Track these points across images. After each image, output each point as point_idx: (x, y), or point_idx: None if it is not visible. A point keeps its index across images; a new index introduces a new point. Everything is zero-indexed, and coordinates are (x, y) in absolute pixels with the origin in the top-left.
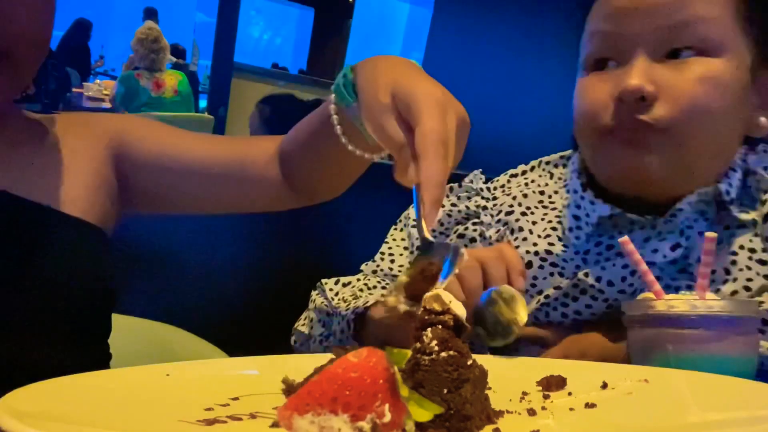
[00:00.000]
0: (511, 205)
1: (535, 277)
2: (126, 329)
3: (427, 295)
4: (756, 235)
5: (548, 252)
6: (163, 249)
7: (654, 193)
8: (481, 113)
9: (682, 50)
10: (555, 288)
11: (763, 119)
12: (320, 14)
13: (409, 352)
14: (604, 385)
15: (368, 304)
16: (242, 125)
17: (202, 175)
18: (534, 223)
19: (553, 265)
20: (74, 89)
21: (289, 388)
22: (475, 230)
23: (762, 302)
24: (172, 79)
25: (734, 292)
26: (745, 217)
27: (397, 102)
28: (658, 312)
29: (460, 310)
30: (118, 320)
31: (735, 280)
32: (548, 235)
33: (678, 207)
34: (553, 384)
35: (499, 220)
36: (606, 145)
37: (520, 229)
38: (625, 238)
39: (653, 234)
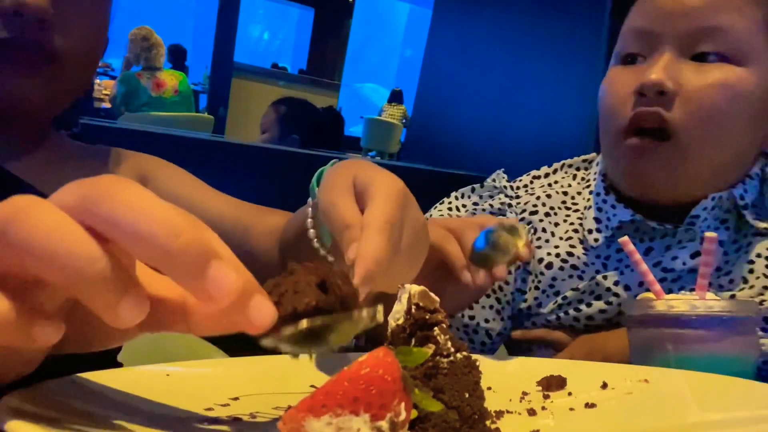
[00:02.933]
0: (535, 205)
1: (554, 278)
2: None
3: (414, 290)
4: None
5: (569, 254)
6: None
7: (662, 198)
8: (480, 113)
9: (708, 54)
10: (573, 290)
11: None
12: (320, 14)
13: (427, 351)
14: (604, 385)
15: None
16: (242, 125)
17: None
18: (556, 224)
19: (573, 267)
20: None
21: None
22: None
23: (763, 301)
24: (172, 79)
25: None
26: (760, 225)
27: (356, 185)
28: (658, 312)
29: None
30: None
31: (752, 287)
32: (570, 237)
33: (694, 213)
34: (553, 384)
35: (522, 219)
36: (617, 148)
37: (543, 230)
38: (625, 238)
39: (673, 242)
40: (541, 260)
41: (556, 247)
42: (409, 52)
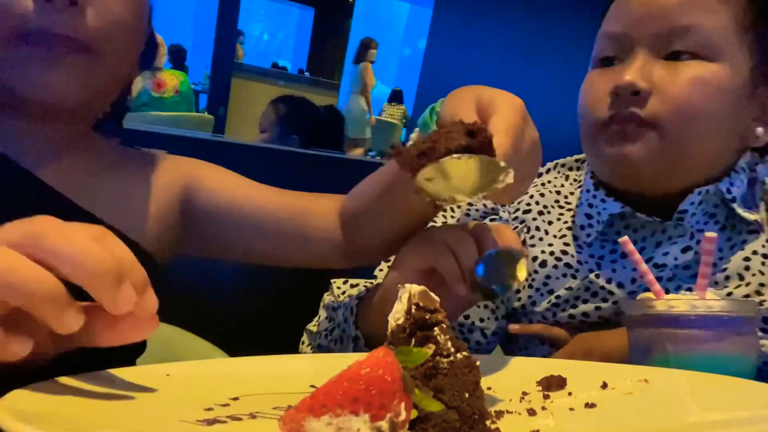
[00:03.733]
0: (528, 204)
1: (548, 277)
2: None
3: (414, 290)
4: None
5: (563, 252)
6: None
7: (647, 186)
8: None
9: (681, 53)
10: (566, 289)
11: (760, 129)
12: (320, 14)
13: (427, 351)
14: (604, 385)
15: (368, 287)
16: (242, 125)
17: (267, 227)
18: (550, 223)
19: (567, 266)
20: None
21: (398, 151)
22: None
23: (763, 301)
24: (173, 80)
25: (746, 296)
26: (749, 216)
27: (478, 102)
28: (658, 312)
29: None
30: None
31: (748, 284)
32: (563, 236)
33: (682, 208)
34: (553, 384)
35: (516, 218)
36: (598, 138)
37: (537, 229)
38: (625, 238)
39: (664, 238)
40: (535, 258)
41: (550, 245)
42: (409, 51)
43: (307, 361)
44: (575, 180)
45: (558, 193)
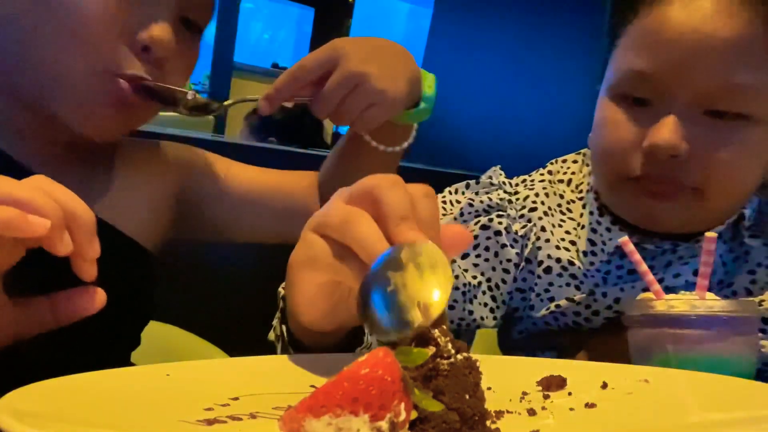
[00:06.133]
0: (534, 201)
1: (551, 284)
2: None
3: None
4: None
5: (570, 263)
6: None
7: (668, 231)
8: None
9: (726, 113)
10: (568, 299)
11: None
12: (320, 14)
13: (428, 352)
14: (604, 385)
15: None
16: (242, 125)
17: (259, 206)
18: (554, 226)
19: (572, 276)
20: None
21: None
22: (500, 222)
23: (762, 301)
24: None
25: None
26: (753, 243)
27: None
28: (658, 312)
29: None
30: None
31: (761, 304)
32: (569, 248)
33: (696, 239)
34: (553, 384)
35: (522, 215)
36: (623, 187)
37: (543, 229)
38: (625, 238)
39: (674, 258)
40: (540, 262)
41: (558, 248)
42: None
43: (307, 361)
44: (576, 187)
45: (561, 197)
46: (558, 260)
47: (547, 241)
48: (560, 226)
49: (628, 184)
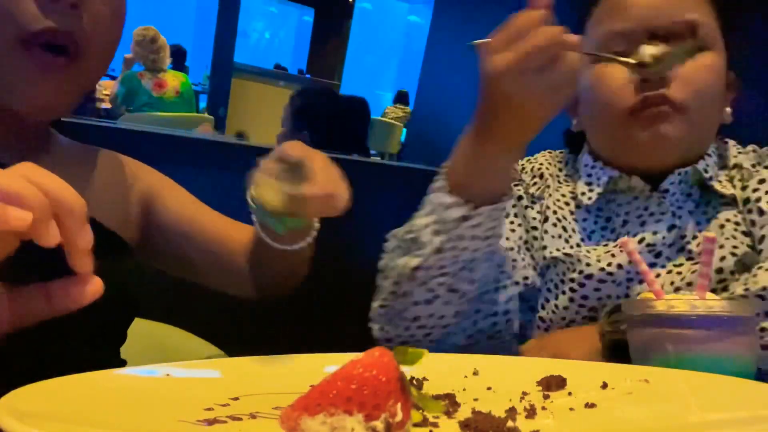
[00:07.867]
0: (540, 168)
1: (552, 237)
2: None
3: None
4: (739, 212)
5: (574, 248)
6: None
7: (666, 164)
8: None
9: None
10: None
11: (728, 109)
12: (320, 14)
13: (423, 352)
14: (604, 385)
15: None
16: (242, 125)
17: (191, 242)
18: (559, 184)
19: (564, 230)
20: None
21: None
22: (519, 189)
23: (756, 280)
24: (174, 80)
25: (722, 258)
26: (725, 191)
27: None
28: (658, 312)
29: None
30: None
31: (722, 246)
32: (569, 202)
33: (663, 187)
34: (553, 384)
35: (534, 177)
36: (630, 124)
37: (547, 208)
38: (625, 238)
39: (646, 215)
40: (547, 218)
41: (597, 256)
42: (409, 52)
43: (307, 361)
44: (570, 193)
45: (560, 170)
46: (602, 269)
47: (560, 236)
48: (560, 222)
49: (633, 120)
